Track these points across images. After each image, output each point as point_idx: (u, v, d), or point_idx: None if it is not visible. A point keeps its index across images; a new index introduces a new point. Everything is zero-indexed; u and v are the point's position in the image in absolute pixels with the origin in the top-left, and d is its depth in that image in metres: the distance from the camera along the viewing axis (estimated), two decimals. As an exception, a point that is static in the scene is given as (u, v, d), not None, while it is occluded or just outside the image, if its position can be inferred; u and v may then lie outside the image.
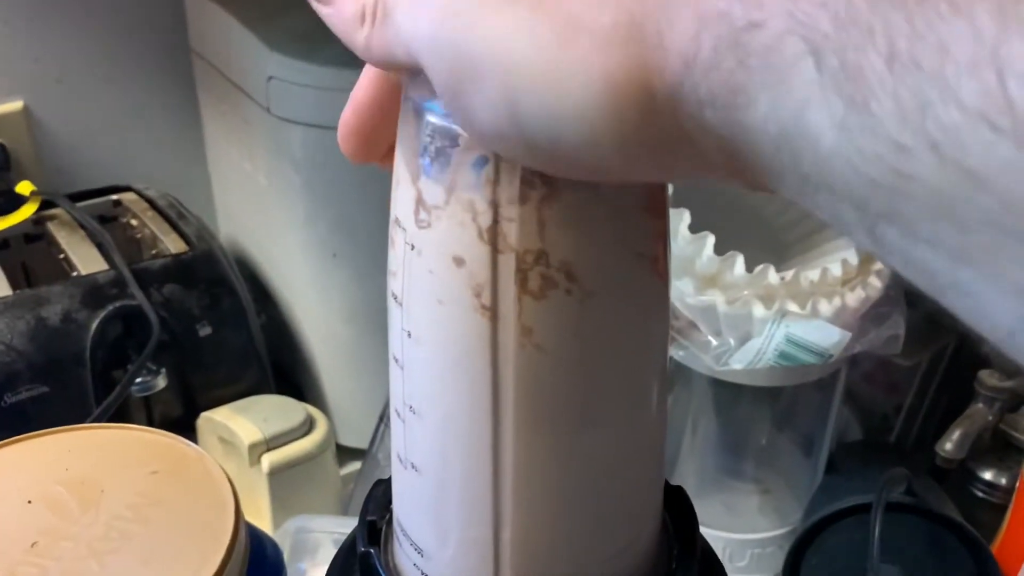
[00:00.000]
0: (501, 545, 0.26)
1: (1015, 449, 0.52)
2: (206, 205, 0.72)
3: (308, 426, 0.56)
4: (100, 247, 0.59)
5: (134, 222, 0.66)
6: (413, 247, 0.23)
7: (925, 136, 0.11)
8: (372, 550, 0.30)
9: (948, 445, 0.50)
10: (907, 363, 0.58)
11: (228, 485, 0.36)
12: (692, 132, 0.16)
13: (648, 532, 0.29)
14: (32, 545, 0.34)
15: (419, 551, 0.28)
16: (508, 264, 0.22)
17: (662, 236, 0.24)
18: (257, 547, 0.37)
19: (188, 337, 0.56)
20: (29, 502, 0.36)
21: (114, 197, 0.67)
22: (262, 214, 0.63)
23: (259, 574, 0.36)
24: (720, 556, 0.32)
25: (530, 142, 0.17)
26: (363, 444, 0.61)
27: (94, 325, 0.53)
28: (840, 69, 0.12)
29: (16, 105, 0.68)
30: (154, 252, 0.62)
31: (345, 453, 0.62)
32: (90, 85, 0.70)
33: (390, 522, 0.31)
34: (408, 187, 0.23)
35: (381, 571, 0.29)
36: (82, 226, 0.61)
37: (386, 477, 0.37)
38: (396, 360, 0.26)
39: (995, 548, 0.50)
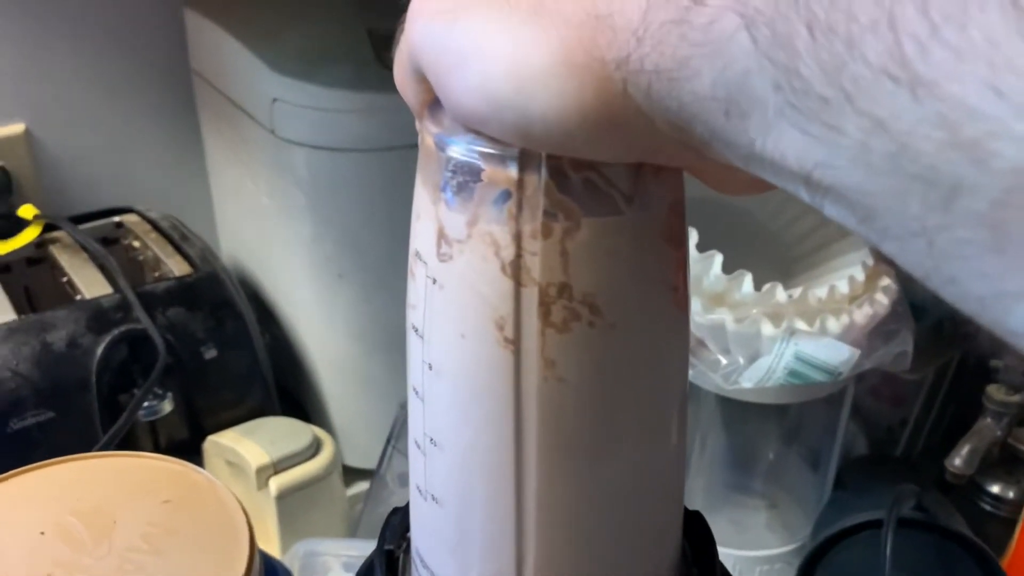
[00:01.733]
0: (523, 576, 0.26)
1: (1023, 463, 0.52)
2: (208, 225, 0.72)
3: (315, 448, 0.56)
4: (104, 270, 0.59)
5: (136, 244, 0.66)
6: (435, 281, 0.23)
7: (843, 91, 0.13)
8: (391, 579, 0.29)
9: (957, 461, 0.50)
10: (912, 377, 0.58)
11: (241, 512, 0.36)
12: (643, 104, 0.17)
13: (668, 560, 0.29)
14: (46, 577, 0.34)
15: (439, 582, 0.28)
16: (531, 297, 0.22)
17: (682, 266, 0.24)
18: (271, 574, 0.37)
19: (193, 360, 0.56)
20: (42, 533, 0.35)
21: (116, 219, 0.67)
22: (266, 234, 0.63)
23: (272, 603, 0.36)
24: (730, 572, 0.32)
25: (504, 119, 0.19)
26: (370, 465, 0.61)
27: (99, 350, 0.53)
28: (772, 39, 0.14)
29: (18, 128, 0.68)
30: (157, 274, 0.62)
31: (351, 474, 0.62)
32: (91, 107, 0.70)
33: (407, 551, 0.31)
34: (429, 221, 0.23)
35: (401, 601, 0.29)
36: (85, 249, 0.61)
37: (394, 499, 0.37)
38: (416, 392, 0.26)
39: (1005, 563, 0.50)
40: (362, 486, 0.62)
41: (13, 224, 0.66)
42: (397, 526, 0.31)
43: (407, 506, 0.31)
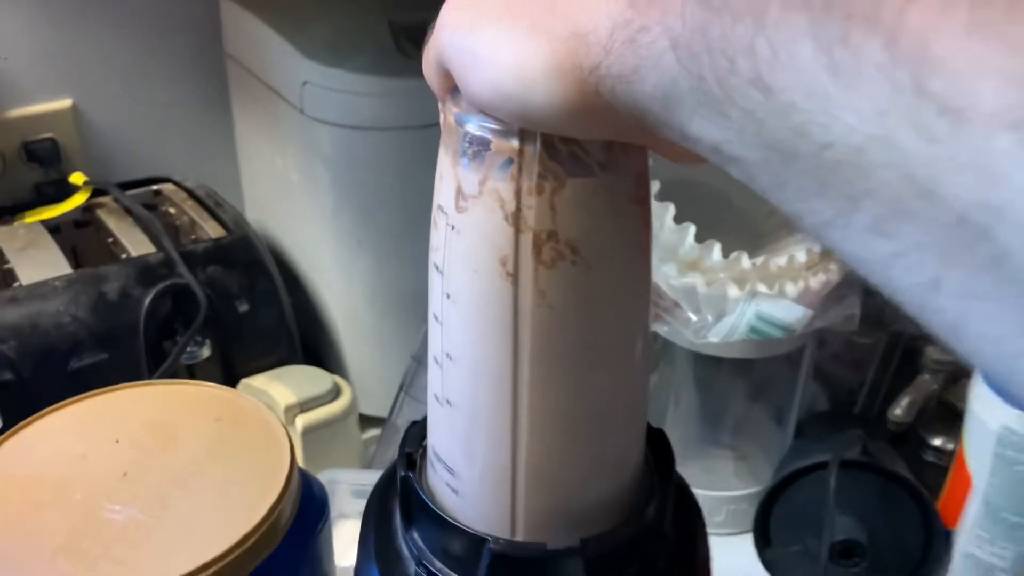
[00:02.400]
0: (518, 465, 0.33)
1: (959, 418, 0.59)
2: (234, 195, 0.79)
3: (335, 393, 0.63)
4: (147, 231, 0.66)
5: (172, 210, 0.73)
6: (453, 228, 0.30)
7: (728, 93, 0.19)
8: (410, 474, 0.37)
9: (898, 411, 0.57)
10: (868, 341, 0.65)
11: (283, 431, 0.43)
12: (609, 100, 0.24)
13: (635, 461, 0.36)
14: (123, 475, 0.41)
15: (451, 472, 0.35)
16: (527, 241, 0.29)
17: (645, 220, 0.31)
18: (307, 485, 0.44)
19: (229, 313, 0.63)
20: (117, 441, 0.42)
21: (154, 187, 0.74)
22: (291, 205, 0.69)
23: (309, 507, 0.43)
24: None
25: (509, 108, 0.26)
26: (382, 413, 0.68)
27: (147, 301, 0.60)
28: (688, 57, 0.20)
29: (66, 103, 0.74)
30: (193, 237, 0.69)
31: (366, 421, 0.69)
32: (132, 85, 0.77)
33: (423, 456, 0.38)
34: (450, 181, 0.30)
35: (418, 490, 0.36)
36: (130, 213, 0.68)
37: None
38: (436, 318, 0.33)
39: (939, 503, 0.57)
40: (375, 431, 0.69)
41: (61, 190, 0.74)
42: (415, 435, 0.38)
43: (423, 420, 0.38)
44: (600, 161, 0.28)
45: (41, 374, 0.56)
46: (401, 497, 0.37)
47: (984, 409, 0.52)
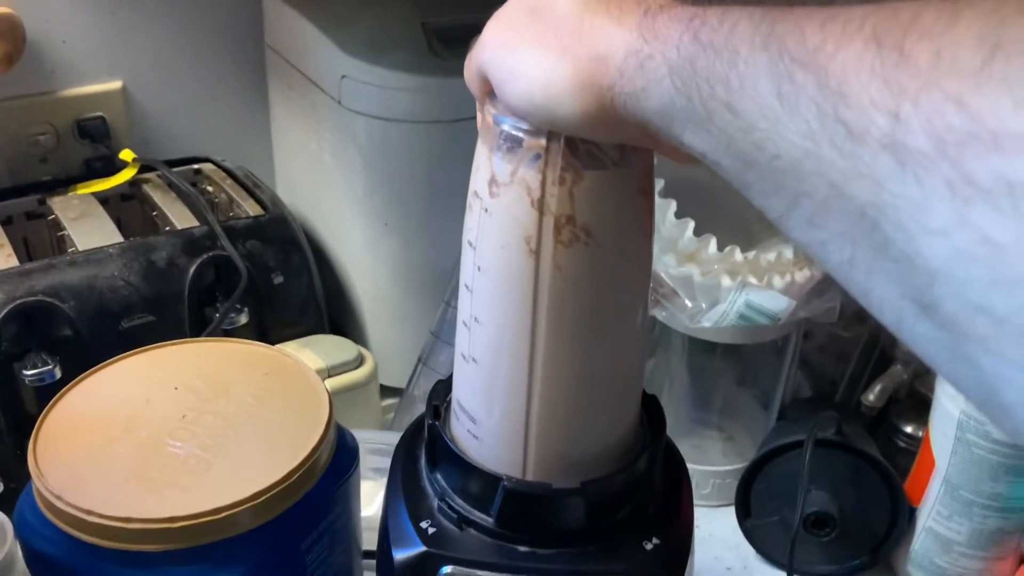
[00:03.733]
0: (530, 416, 0.39)
1: (929, 407, 0.64)
2: (268, 177, 0.85)
3: (359, 361, 0.69)
4: (190, 206, 0.72)
5: (211, 188, 0.79)
6: (487, 210, 0.36)
7: (707, 112, 0.25)
8: (436, 423, 0.42)
9: (871, 396, 0.62)
10: (850, 336, 0.70)
11: (322, 385, 0.49)
12: (622, 112, 0.29)
13: (631, 419, 0.42)
14: (183, 417, 0.46)
15: (472, 420, 0.40)
16: (549, 223, 0.35)
17: (649, 209, 0.36)
18: (341, 435, 0.49)
19: (265, 284, 0.68)
20: (176, 388, 0.48)
21: (195, 167, 0.80)
22: (325, 188, 0.75)
23: (343, 453, 0.49)
24: None
25: (539, 115, 0.32)
26: (400, 384, 0.74)
27: (192, 269, 0.65)
28: (681, 81, 0.26)
29: (116, 84, 0.80)
30: (231, 214, 0.74)
31: (385, 391, 0.75)
32: (178, 70, 0.82)
33: (447, 408, 0.43)
34: (486, 170, 0.36)
35: (443, 436, 0.42)
36: (175, 188, 0.73)
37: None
38: (467, 287, 0.38)
39: (906, 483, 0.63)
40: (392, 400, 0.75)
41: (108, 165, 0.79)
42: (441, 391, 0.44)
43: (448, 378, 0.44)
44: (613, 158, 0.34)
45: (96, 332, 0.62)
46: (427, 443, 0.43)
47: (947, 396, 0.57)
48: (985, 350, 0.18)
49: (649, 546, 0.40)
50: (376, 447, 0.65)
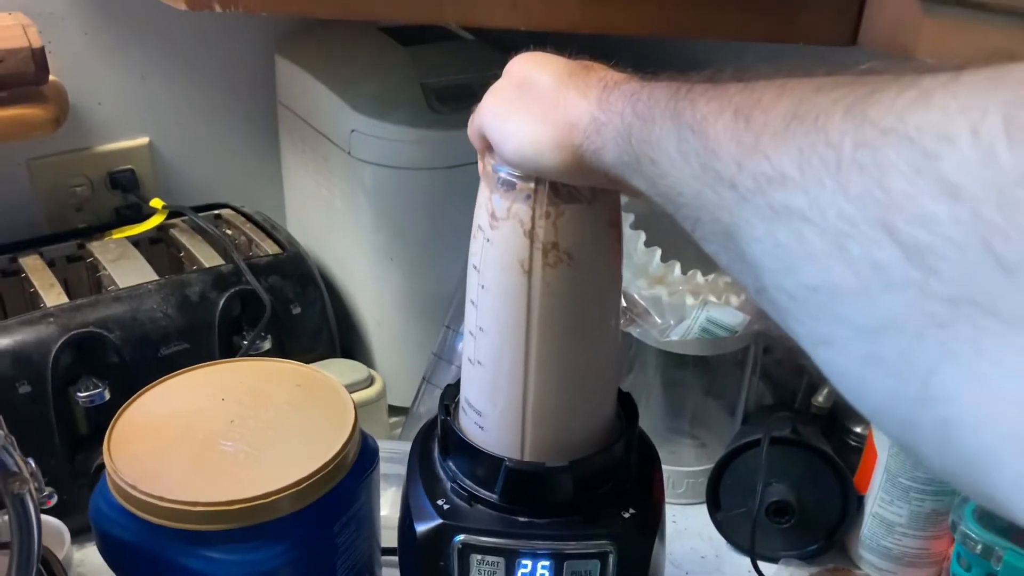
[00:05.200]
0: (527, 407, 0.47)
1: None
2: (280, 220, 0.93)
3: (369, 381, 0.77)
4: (216, 247, 0.80)
5: (230, 231, 0.88)
6: (488, 240, 0.45)
7: (641, 167, 0.33)
8: (448, 418, 0.51)
9: (819, 398, 0.71)
10: (802, 348, 0.79)
11: (347, 394, 0.57)
12: (589, 164, 0.38)
13: (609, 409, 0.50)
14: (231, 422, 0.54)
15: (479, 413, 0.49)
16: (538, 249, 0.43)
17: (619, 237, 0.45)
18: (364, 437, 0.58)
19: (284, 314, 0.77)
20: (223, 399, 0.56)
21: (216, 212, 0.89)
22: (334, 228, 0.84)
23: (365, 451, 0.57)
24: (665, 483, 0.53)
25: (527, 166, 0.41)
26: (405, 403, 0.82)
27: (221, 302, 0.74)
28: (624, 141, 0.34)
29: (144, 140, 0.89)
30: (250, 254, 0.83)
31: (391, 410, 0.83)
32: (198, 127, 0.92)
33: (456, 406, 0.52)
34: (486, 208, 0.45)
35: (454, 428, 0.50)
36: (203, 231, 0.82)
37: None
38: (472, 303, 0.47)
39: (855, 476, 0.72)
40: (399, 418, 0.83)
41: (136, 213, 0.88)
42: (450, 392, 0.53)
43: (456, 382, 0.52)
44: (587, 197, 0.43)
45: (139, 358, 0.70)
46: (440, 435, 0.52)
47: (882, 395, 0.66)
48: (793, 319, 0.26)
49: (627, 515, 0.49)
50: (387, 455, 0.73)
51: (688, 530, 0.76)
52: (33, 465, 0.47)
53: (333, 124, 0.79)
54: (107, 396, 0.69)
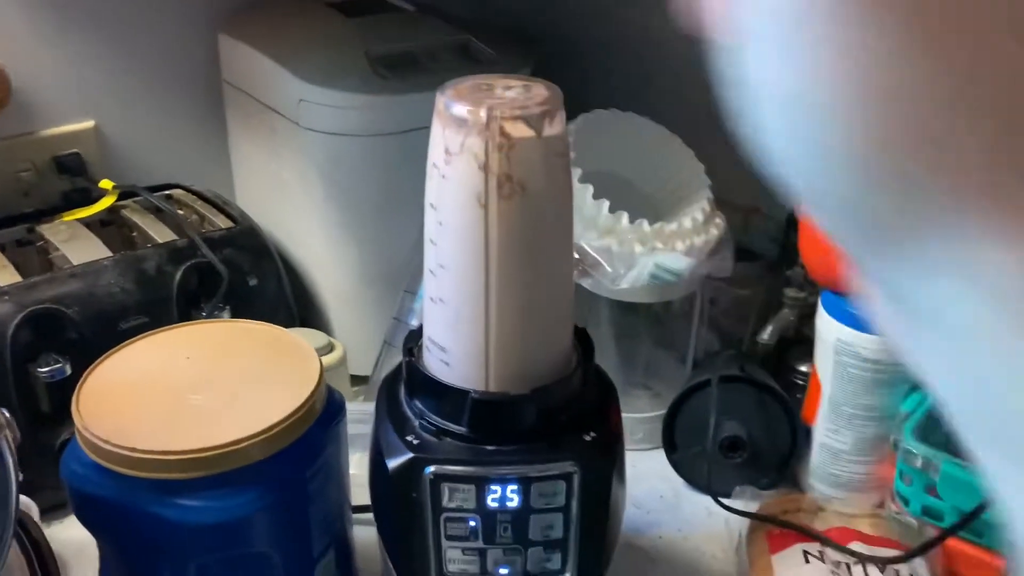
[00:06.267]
0: (489, 340, 0.49)
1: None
2: (229, 197, 0.94)
3: (329, 348, 0.78)
4: (169, 224, 0.81)
5: (182, 210, 0.88)
6: (444, 176, 0.47)
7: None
8: (412, 359, 0.53)
9: (764, 336, 0.74)
10: (748, 293, 0.83)
11: (313, 352, 0.59)
12: None
13: (566, 340, 0.52)
14: (198, 378, 0.55)
15: (443, 350, 0.51)
16: (492, 181, 0.45)
17: (567, 168, 0.48)
18: (330, 391, 0.59)
19: (241, 286, 0.78)
20: (188, 358, 0.57)
21: (167, 192, 0.89)
22: (285, 201, 0.85)
23: (332, 403, 0.58)
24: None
25: None
26: (364, 371, 0.83)
27: (178, 275, 0.74)
28: None
29: (89, 124, 0.89)
30: (204, 229, 0.84)
31: (352, 380, 0.84)
32: (143, 108, 0.91)
33: (419, 348, 0.54)
34: (440, 144, 0.47)
35: (419, 368, 0.52)
36: (155, 209, 0.83)
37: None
38: (432, 241, 0.49)
39: (802, 410, 0.75)
40: (359, 388, 0.84)
41: (84, 196, 0.88)
42: (414, 336, 0.55)
43: (418, 329, 0.54)
44: (537, 128, 0.45)
45: (98, 333, 0.70)
46: (407, 376, 0.54)
47: (825, 327, 0.70)
48: None
49: (588, 438, 0.51)
50: (352, 417, 0.75)
51: (647, 472, 0.78)
52: (7, 415, 0.48)
53: (280, 96, 0.80)
54: (68, 371, 0.69)
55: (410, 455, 0.50)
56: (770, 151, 0.22)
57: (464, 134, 0.45)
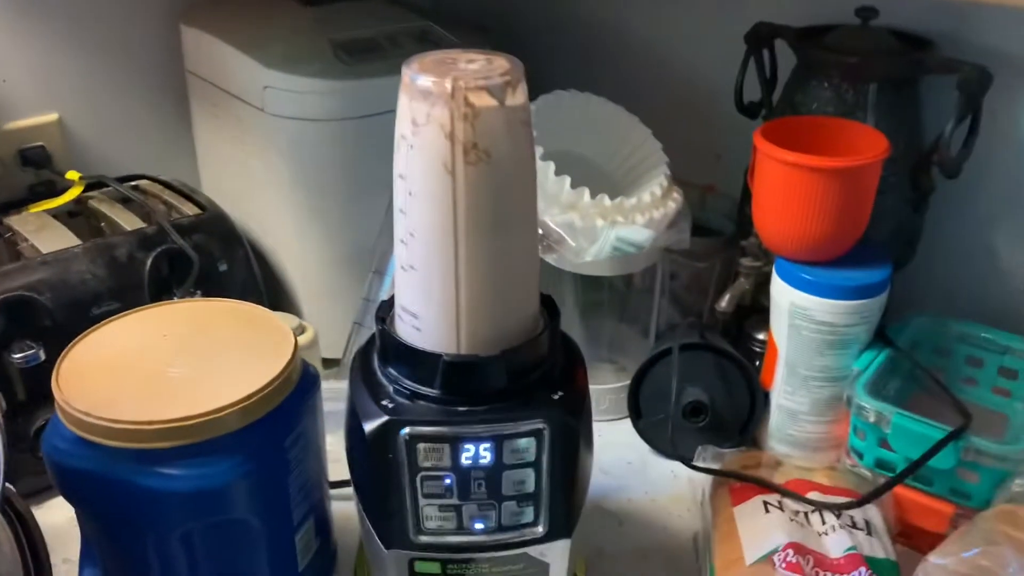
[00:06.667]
0: (459, 305, 0.51)
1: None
2: (195, 186, 0.95)
3: (301, 329, 0.80)
4: (138, 213, 0.82)
5: (150, 200, 0.89)
6: (411, 147, 0.49)
7: None
8: (385, 327, 0.55)
9: (722, 304, 0.77)
10: (705, 266, 0.86)
11: (286, 326, 0.60)
12: None
13: (533, 304, 0.55)
14: (175, 352, 0.57)
15: (415, 316, 0.53)
16: (459, 149, 0.48)
17: (530, 137, 0.50)
18: (304, 365, 0.61)
19: (212, 271, 0.79)
20: (164, 335, 0.59)
21: (133, 183, 0.90)
22: (252, 188, 0.86)
23: (306, 376, 0.60)
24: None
25: None
26: (334, 355, 0.85)
27: (149, 261, 0.75)
28: None
29: (52, 117, 0.90)
30: (173, 216, 0.85)
31: (323, 363, 0.86)
32: (106, 100, 0.92)
33: (391, 318, 0.56)
34: (407, 116, 0.49)
35: (392, 334, 0.54)
36: (123, 199, 0.83)
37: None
38: (401, 211, 0.51)
39: (761, 375, 0.78)
40: (330, 370, 0.86)
41: (50, 189, 0.88)
42: (385, 307, 0.56)
43: (389, 300, 0.56)
44: (500, 99, 0.47)
45: (71, 318, 0.71)
46: (380, 344, 0.56)
47: (779, 293, 0.73)
48: None
49: (556, 396, 0.53)
50: (325, 395, 0.76)
51: (614, 442, 0.81)
52: (-8, 387, 0.49)
53: (245, 83, 0.81)
54: (42, 356, 0.70)
55: (385, 418, 0.52)
56: None
57: (430, 105, 0.47)
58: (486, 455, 0.52)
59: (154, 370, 0.55)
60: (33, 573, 0.54)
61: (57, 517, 0.63)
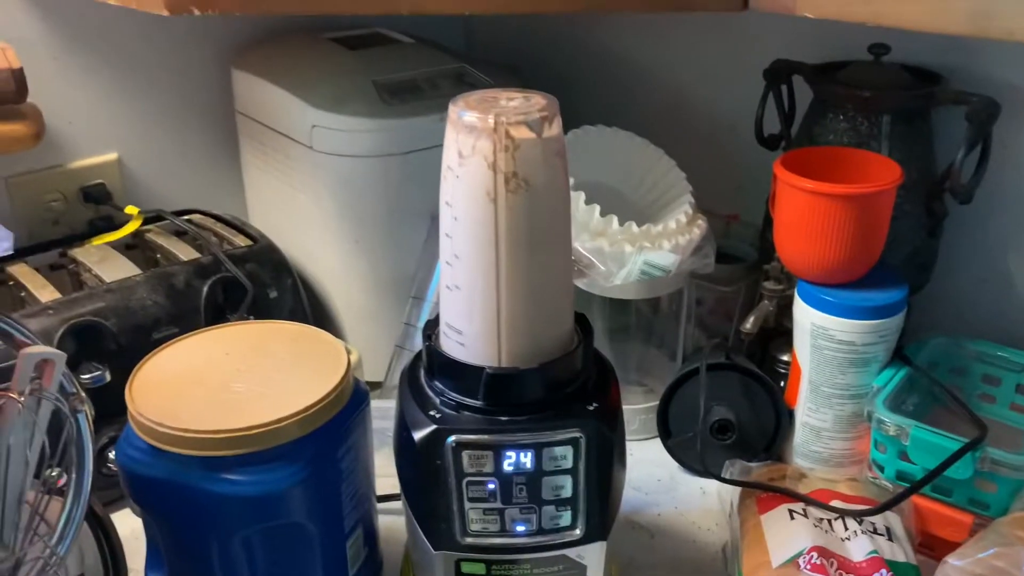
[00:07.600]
0: (500, 321, 0.55)
1: (795, 336, 0.83)
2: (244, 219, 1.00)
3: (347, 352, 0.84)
4: (193, 244, 0.87)
5: (203, 233, 0.94)
6: (458, 177, 0.53)
7: None
8: (431, 344, 0.59)
9: (747, 325, 0.81)
10: (731, 291, 0.89)
11: (339, 342, 0.65)
12: None
13: (568, 321, 0.59)
14: (237, 370, 0.61)
15: (459, 332, 0.57)
16: (500, 178, 0.52)
17: (565, 167, 0.54)
18: (356, 381, 0.65)
19: (263, 298, 0.84)
20: (227, 354, 0.63)
21: (187, 217, 0.95)
22: (299, 220, 0.91)
23: (358, 391, 0.64)
24: None
25: None
26: (376, 378, 0.89)
27: (205, 289, 0.81)
28: None
29: (112, 156, 0.96)
30: (226, 247, 0.90)
31: (364, 382, 0.90)
32: (162, 140, 0.98)
33: (436, 335, 0.60)
34: (454, 148, 0.53)
35: (438, 350, 0.58)
36: (177, 232, 0.89)
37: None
38: (447, 235, 0.56)
39: (785, 394, 0.81)
40: (374, 391, 0.90)
41: (109, 224, 0.94)
42: (431, 325, 0.61)
43: (433, 319, 0.60)
44: (538, 132, 0.52)
45: (133, 342, 0.76)
46: (427, 359, 0.60)
47: (801, 314, 0.76)
48: None
49: (591, 407, 0.57)
50: (372, 414, 0.81)
51: (644, 459, 0.84)
52: (83, 393, 0.53)
53: (294, 123, 0.86)
54: (107, 378, 0.74)
55: (434, 427, 0.56)
56: None
57: (475, 138, 0.52)
58: (527, 462, 0.56)
59: (218, 384, 0.60)
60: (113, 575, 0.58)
61: (122, 528, 0.68)
